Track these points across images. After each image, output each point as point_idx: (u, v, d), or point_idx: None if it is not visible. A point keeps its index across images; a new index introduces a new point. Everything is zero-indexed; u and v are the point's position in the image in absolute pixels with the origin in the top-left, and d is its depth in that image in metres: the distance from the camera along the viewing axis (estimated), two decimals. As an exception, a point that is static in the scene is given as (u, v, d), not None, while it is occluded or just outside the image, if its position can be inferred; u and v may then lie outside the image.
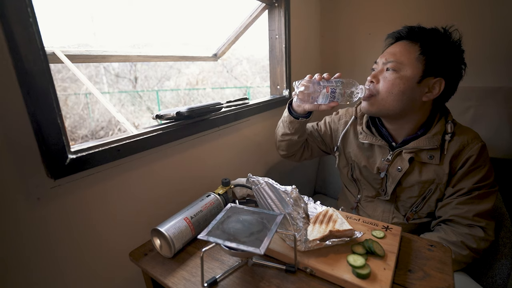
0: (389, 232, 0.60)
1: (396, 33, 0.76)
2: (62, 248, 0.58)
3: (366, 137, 0.82)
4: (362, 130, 0.83)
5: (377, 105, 0.74)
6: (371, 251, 0.53)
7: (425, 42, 0.70)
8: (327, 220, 0.59)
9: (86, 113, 6.26)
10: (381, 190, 0.83)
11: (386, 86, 0.71)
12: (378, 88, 0.73)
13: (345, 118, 0.92)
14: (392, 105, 0.72)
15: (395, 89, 0.70)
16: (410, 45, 0.71)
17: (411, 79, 0.69)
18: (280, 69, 1.28)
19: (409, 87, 0.70)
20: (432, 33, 0.71)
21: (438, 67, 0.69)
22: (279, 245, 0.57)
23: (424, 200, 0.77)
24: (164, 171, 0.78)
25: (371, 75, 0.75)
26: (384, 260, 0.51)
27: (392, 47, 0.74)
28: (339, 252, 0.54)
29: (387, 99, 0.72)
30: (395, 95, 0.71)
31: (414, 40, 0.71)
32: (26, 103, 0.47)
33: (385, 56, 0.74)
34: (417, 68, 0.69)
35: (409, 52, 0.70)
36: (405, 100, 0.71)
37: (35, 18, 0.46)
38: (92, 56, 0.83)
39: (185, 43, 6.66)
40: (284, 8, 1.19)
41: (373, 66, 0.78)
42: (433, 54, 0.69)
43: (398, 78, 0.70)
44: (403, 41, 0.73)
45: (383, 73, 0.73)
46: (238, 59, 7.33)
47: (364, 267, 0.49)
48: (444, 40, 0.70)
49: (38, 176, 0.52)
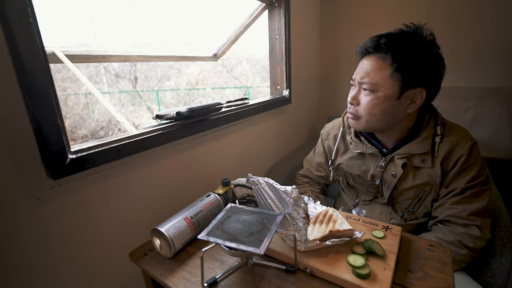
0: (389, 232, 0.59)
1: (363, 48, 0.72)
2: (62, 248, 0.58)
3: (356, 147, 0.82)
4: (352, 140, 0.83)
5: (363, 125, 0.74)
6: (371, 251, 0.53)
7: (396, 53, 0.65)
8: (327, 220, 0.59)
9: (86, 113, 6.26)
10: (378, 193, 0.84)
11: (366, 108, 0.70)
12: (360, 111, 0.72)
13: (333, 132, 0.92)
14: (377, 124, 0.72)
15: (376, 110, 0.69)
16: (380, 61, 0.67)
17: (389, 97, 0.67)
18: (280, 69, 1.28)
19: (389, 105, 0.68)
20: (402, 39, 0.66)
21: (415, 78, 0.66)
22: (279, 245, 0.57)
23: (420, 202, 0.77)
24: (164, 171, 0.78)
25: (350, 96, 0.74)
26: (384, 260, 0.51)
27: (363, 63, 0.71)
28: (339, 252, 0.54)
29: (371, 120, 0.71)
30: (377, 115, 0.70)
31: (383, 52, 0.67)
32: (26, 103, 0.47)
33: (359, 74, 0.71)
34: (393, 86, 0.66)
35: (381, 69, 0.67)
36: (388, 117, 0.70)
37: (35, 18, 0.46)
38: (92, 56, 0.83)
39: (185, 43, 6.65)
40: (284, 8, 1.19)
41: (351, 81, 0.76)
42: (407, 65, 0.65)
43: (375, 99, 0.68)
44: (372, 56, 0.69)
45: (361, 93, 0.72)
46: (238, 59, 7.33)
47: (364, 267, 0.48)
48: (416, 42, 0.66)
49: (38, 176, 0.52)
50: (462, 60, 1.27)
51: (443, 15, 1.27)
